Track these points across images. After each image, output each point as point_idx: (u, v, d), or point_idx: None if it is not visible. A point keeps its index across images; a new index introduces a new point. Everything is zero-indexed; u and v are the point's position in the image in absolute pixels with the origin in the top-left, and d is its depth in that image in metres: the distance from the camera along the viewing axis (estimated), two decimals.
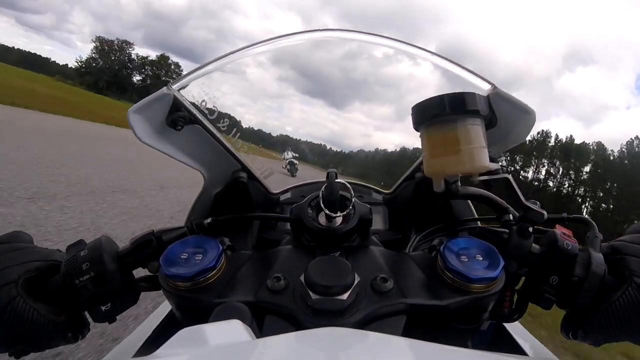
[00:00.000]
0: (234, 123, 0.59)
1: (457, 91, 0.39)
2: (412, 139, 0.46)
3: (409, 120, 0.43)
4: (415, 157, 0.69)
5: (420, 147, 0.43)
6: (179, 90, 0.49)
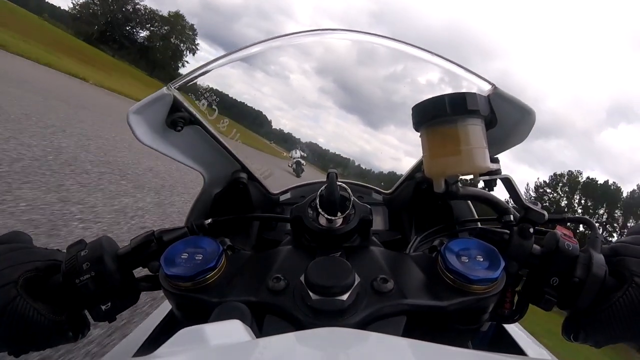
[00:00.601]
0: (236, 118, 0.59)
1: (457, 91, 0.39)
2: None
3: None
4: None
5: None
6: (179, 90, 0.50)
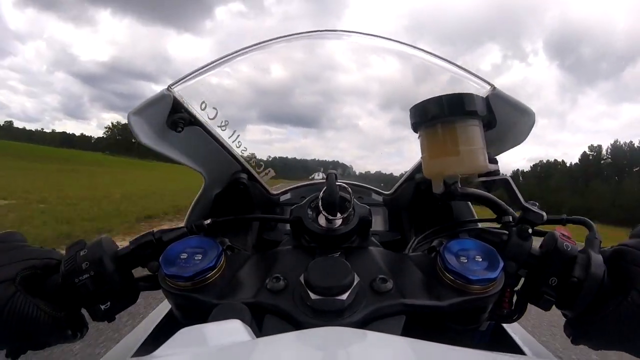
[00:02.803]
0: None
1: (455, 92, 0.39)
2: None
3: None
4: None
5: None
6: (179, 91, 0.50)
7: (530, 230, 0.41)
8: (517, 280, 0.41)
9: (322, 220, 0.47)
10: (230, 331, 0.27)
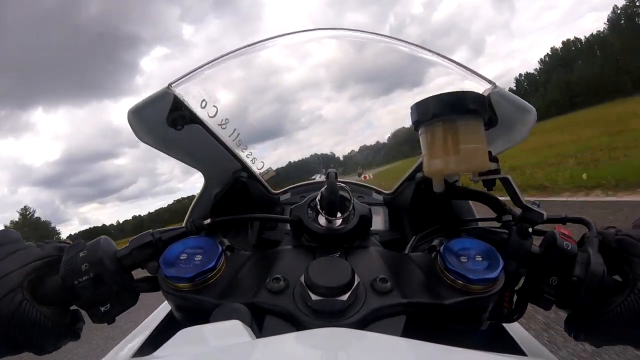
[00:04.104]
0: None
1: (457, 90, 0.39)
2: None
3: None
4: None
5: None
6: (179, 89, 0.49)
7: (530, 230, 0.41)
8: (517, 279, 0.41)
9: (322, 220, 0.46)
10: (231, 332, 0.26)
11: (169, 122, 0.50)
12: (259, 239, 0.69)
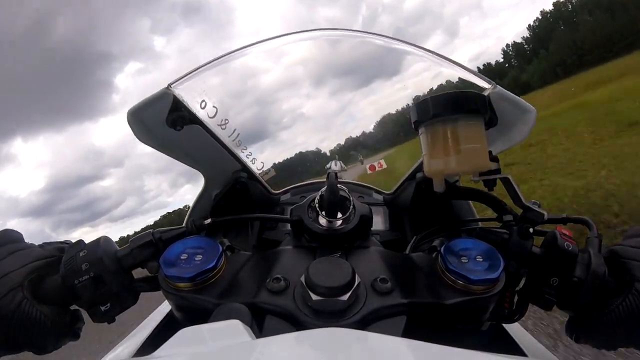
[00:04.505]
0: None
1: (457, 90, 0.39)
2: None
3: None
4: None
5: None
6: (179, 90, 0.49)
7: (531, 230, 0.41)
8: (518, 280, 0.41)
9: (322, 220, 0.46)
10: (231, 332, 0.26)
11: (168, 123, 0.50)
12: (259, 240, 0.69)
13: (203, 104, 0.53)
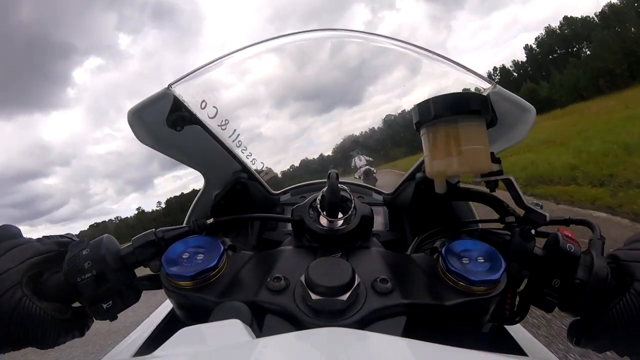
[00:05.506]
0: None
1: (458, 91, 0.39)
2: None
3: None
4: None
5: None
6: (179, 90, 0.49)
7: (533, 231, 0.41)
8: (520, 281, 0.41)
9: (323, 220, 0.46)
10: (231, 331, 0.26)
11: (168, 123, 0.50)
12: (259, 240, 0.69)
13: (203, 105, 0.53)
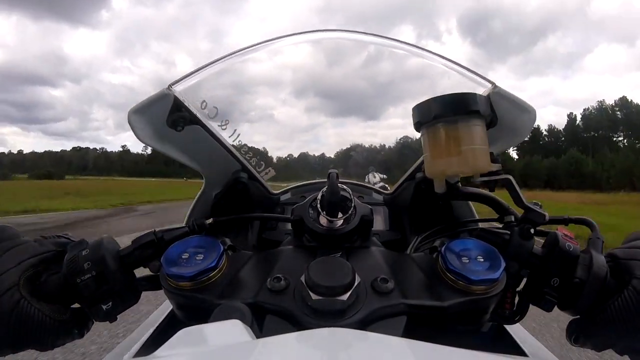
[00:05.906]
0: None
1: (458, 91, 0.39)
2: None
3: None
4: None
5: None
6: (179, 90, 0.49)
7: (532, 231, 0.41)
8: (519, 280, 0.41)
9: (323, 220, 0.46)
10: (231, 331, 0.26)
11: (169, 123, 0.50)
12: (259, 239, 0.69)
13: (204, 105, 0.53)
